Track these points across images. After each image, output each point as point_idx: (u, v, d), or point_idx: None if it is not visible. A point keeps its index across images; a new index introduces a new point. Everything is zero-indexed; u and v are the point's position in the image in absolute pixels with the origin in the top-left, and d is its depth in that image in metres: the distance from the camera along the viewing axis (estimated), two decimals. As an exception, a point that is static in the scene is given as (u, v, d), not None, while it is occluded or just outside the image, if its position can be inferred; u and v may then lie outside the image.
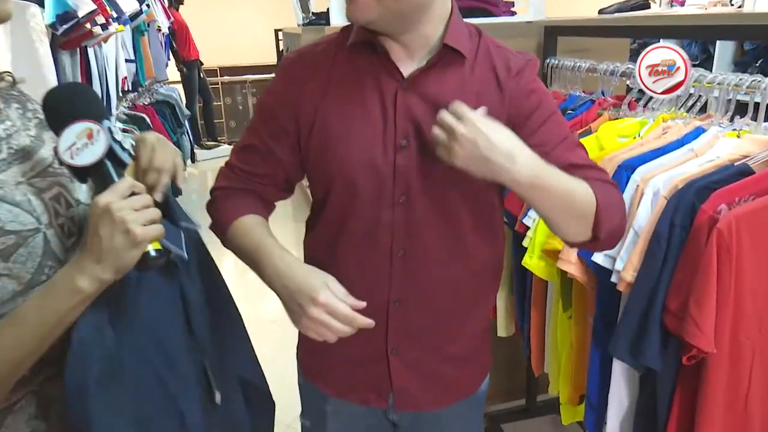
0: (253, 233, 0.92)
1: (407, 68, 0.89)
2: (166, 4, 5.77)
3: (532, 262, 1.43)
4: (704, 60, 3.10)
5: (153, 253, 0.67)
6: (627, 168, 1.18)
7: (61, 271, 0.67)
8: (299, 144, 0.94)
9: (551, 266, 1.41)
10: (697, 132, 1.20)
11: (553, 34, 1.82)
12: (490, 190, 0.95)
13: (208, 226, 1.00)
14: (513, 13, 2.03)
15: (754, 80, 1.11)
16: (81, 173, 0.69)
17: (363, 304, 0.81)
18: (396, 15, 0.83)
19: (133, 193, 0.67)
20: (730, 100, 1.20)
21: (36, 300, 0.66)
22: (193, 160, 6.16)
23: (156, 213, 0.68)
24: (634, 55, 3.31)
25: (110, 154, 0.69)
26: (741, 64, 2.93)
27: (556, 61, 1.77)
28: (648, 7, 4.30)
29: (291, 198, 1.08)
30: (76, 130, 0.67)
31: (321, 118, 0.91)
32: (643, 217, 1.11)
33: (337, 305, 0.78)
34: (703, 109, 1.32)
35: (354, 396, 1.04)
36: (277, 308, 0.95)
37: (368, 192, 0.90)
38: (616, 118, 1.48)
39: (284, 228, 3.71)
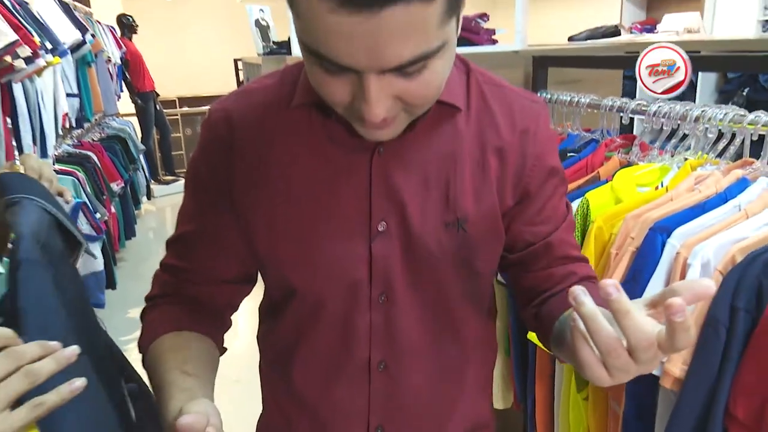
0: (157, 366, 0.64)
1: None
2: (118, 33, 5.48)
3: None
4: (687, 89, 2.98)
5: None
6: (661, 230, 0.96)
7: None
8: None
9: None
10: (741, 184, 0.99)
11: (543, 64, 1.62)
12: (493, 267, 0.75)
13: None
14: (494, 42, 1.84)
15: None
16: None
17: None
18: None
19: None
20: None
21: None
22: (149, 197, 5.84)
23: (30, 376, 0.42)
24: (627, 87, 3.18)
25: None
26: (725, 93, 2.82)
27: (550, 95, 1.57)
28: (618, 34, 4.24)
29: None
30: None
31: (264, 200, 0.66)
32: (692, 295, 0.88)
33: None
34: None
35: None
36: (239, 368, 0.72)
37: (337, 300, 0.67)
38: (628, 163, 1.28)
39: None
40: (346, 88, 0.52)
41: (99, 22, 4.66)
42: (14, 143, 2.13)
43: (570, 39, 4.29)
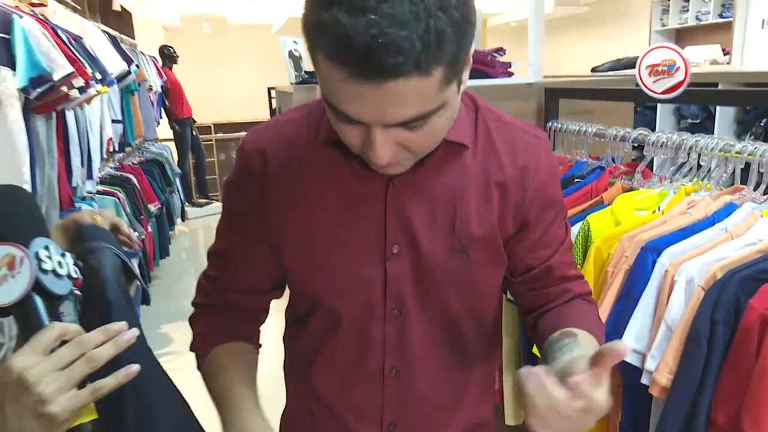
0: (221, 376, 0.76)
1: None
2: (160, 63, 5.78)
3: (544, 350, 1.27)
4: (705, 119, 3.03)
5: (89, 427, 0.53)
6: (652, 250, 1.04)
7: None
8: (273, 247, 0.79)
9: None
10: (729, 208, 1.06)
11: (554, 96, 1.72)
12: (496, 287, 0.83)
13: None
14: (510, 74, 1.94)
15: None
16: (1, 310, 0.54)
17: None
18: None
19: (63, 342, 0.52)
20: (762, 173, 1.07)
21: None
22: (184, 219, 6.05)
23: (90, 362, 0.53)
24: (639, 117, 3.23)
25: (38, 286, 0.54)
26: (743, 123, 2.86)
27: (560, 125, 1.66)
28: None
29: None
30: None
31: (292, 225, 0.75)
32: (677, 309, 0.95)
33: None
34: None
35: None
36: (265, 387, 0.83)
37: (355, 313, 0.76)
38: (630, 188, 1.36)
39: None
40: (358, 134, 0.61)
41: (143, 53, 4.94)
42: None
43: (593, 70, 4.37)
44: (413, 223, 0.73)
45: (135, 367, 0.56)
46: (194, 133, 6.52)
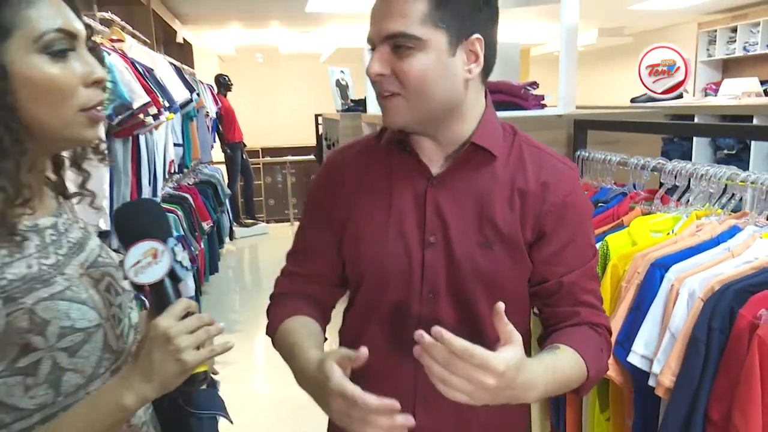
0: (291, 336, 0.92)
1: (438, 164, 0.92)
2: (215, 91, 6.16)
3: (565, 358, 1.39)
4: (741, 150, 3.08)
5: (200, 376, 0.71)
6: (660, 266, 1.16)
7: (107, 386, 0.69)
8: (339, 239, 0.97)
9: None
10: (733, 231, 1.18)
11: (582, 127, 1.85)
12: (519, 284, 0.94)
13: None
14: (543, 106, 2.09)
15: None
16: (141, 287, 0.73)
17: (385, 402, 0.76)
18: (426, 117, 0.87)
19: (188, 314, 0.70)
20: (765, 199, 1.18)
21: (80, 413, 0.68)
22: (231, 238, 6.33)
23: (207, 333, 0.70)
24: (676, 148, 3.29)
25: (170, 272, 0.73)
26: (780, 154, 2.90)
27: (587, 154, 1.79)
28: (680, 96, 4.36)
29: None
30: (142, 248, 0.71)
31: (354, 215, 0.95)
32: (680, 318, 1.07)
33: (351, 411, 0.74)
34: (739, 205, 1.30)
35: None
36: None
37: (398, 289, 0.92)
38: (649, 212, 1.47)
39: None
40: (371, 62, 0.84)
41: (201, 82, 5.30)
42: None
43: (632, 100, 4.44)
44: (446, 218, 0.89)
45: (231, 344, 0.74)
46: (244, 157, 6.86)
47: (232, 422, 0.93)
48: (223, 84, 6.44)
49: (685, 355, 1.04)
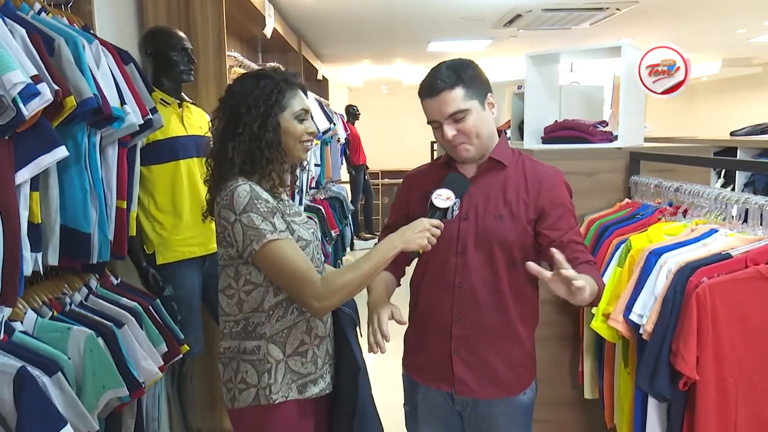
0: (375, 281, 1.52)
1: (471, 172, 1.52)
2: (345, 119, 7.10)
3: (596, 324, 1.90)
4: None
5: (418, 252, 1.40)
6: (655, 254, 1.67)
7: (388, 238, 1.39)
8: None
9: (611, 328, 1.87)
10: (711, 232, 1.66)
11: (636, 158, 2.34)
12: (523, 245, 1.49)
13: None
14: (610, 140, 2.58)
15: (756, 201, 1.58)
16: (432, 211, 1.41)
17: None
18: (481, 149, 1.49)
19: (435, 227, 1.39)
20: (747, 211, 1.64)
21: (370, 253, 1.39)
22: (352, 248, 7.17)
23: (432, 234, 1.38)
24: (755, 174, 3.57)
25: (444, 210, 1.42)
26: None
27: (638, 179, 2.28)
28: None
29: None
30: (446, 192, 1.42)
31: (417, 207, 1.51)
32: (660, 286, 1.58)
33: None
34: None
35: (431, 383, 1.59)
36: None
37: (443, 247, 1.50)
38: (671, 221, 1.95)
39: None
40: (440, 132, 1.44)
41: (335, 112, 6.23)
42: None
43: (732, 134, 4.63)
44: (476, 202, 1.50)
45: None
46: (366, 178, 7.73)
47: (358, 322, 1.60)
48: (352, 114, 7.38)
49: (660, 310, 1.55)
